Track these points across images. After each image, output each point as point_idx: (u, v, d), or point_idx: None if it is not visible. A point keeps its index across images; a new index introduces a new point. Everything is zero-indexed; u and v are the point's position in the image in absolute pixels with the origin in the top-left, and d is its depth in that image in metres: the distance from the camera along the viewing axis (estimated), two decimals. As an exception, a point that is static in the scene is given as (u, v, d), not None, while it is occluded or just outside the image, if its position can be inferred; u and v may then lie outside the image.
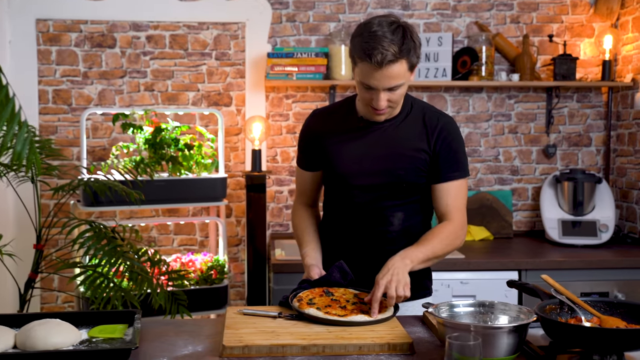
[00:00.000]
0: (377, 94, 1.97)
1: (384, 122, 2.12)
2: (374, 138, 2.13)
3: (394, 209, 2.13)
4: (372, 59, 1.90)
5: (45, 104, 3.74)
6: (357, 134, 2.14)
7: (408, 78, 1.99)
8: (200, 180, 3.31)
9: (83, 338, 1.81)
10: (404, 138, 2.11)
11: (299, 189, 2.34)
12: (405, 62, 1.94)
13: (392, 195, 2.12)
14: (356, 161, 2.13)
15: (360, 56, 1.94)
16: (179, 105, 3.79)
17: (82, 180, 2.71)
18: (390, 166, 2.10)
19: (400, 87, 1.98)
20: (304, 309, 1.88)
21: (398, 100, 2.03)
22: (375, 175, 2.11)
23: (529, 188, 3.96)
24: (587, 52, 3.91)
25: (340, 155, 2.15)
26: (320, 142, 2.19)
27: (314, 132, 2.21)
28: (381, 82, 1.94)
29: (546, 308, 1.71)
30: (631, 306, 1.70)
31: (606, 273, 3.27)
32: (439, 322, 1.63)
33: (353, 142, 2.14)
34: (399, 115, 2.13)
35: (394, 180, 2.10)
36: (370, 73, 1.93)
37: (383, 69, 1.91)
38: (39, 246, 2.78)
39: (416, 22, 3.85)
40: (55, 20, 3.72)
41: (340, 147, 2.15)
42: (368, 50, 1.90)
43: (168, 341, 1.81)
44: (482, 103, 3.91)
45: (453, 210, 2.12)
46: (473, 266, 3.22)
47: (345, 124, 2.17)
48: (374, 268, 2.06)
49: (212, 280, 3.36)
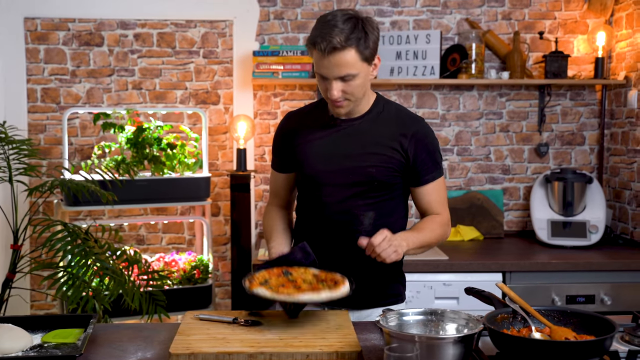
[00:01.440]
0: (330, 83, 1.97)
1: (355, 120, 2.11)
2: (344, 136, 2.11)
3: (364, 208, 2.10)
4: (317, 46, 1.93)
5: (34, 103, 3.75)
6: (328, 132, 2.13)
7: (364, 71, 1.98)
8: (183, 180, 3.30)
9: (35, 343, 1.81)
10: (376, 136, 2.09)
11: (272, 190, 2.32)
12: (354, 52, 1.93)
13: (363, 194, 2.09)
14: (326, 159, 2.11)
15: (309, 44, 1.98)
16: (167, 103, 3.79)
17: (55, 181, 2.71)
18: (361, 164, 2.08)
19: (355, 78, 1.96)
20: (253, 289, 1.84)
21: (355, 93, 2.00)
22: (345, 173, 2.09)
23: (521, 187, 3.90)
24: (581, 49, 3.84)
25: (310, 154, 2.13)
26: (292, 142, 2.17)
27: (287, 132, 2.20)
28: (330, 70, 1.95)
29: (498, 317, 1.68)
30: (584, 316, 1.66)
31: (593, 275, 3.21)
32: (385, 332, 1.60)
33: (323, 141, 2.13)
34: (370, 113, 2.11)
35: (364, 179, 2.07)
36: (320, 61, 1.95)
37: (329, 56, 1.92)
38: (15, 246, 2.79)
39: (405, 19, 3.80)
40: (43, 19, 3.72)
41: (310, 145, 2.14)
42: (315, 38, 1.93)
43: (119, 347, 1.80)
44: (473, 101, 3.86)
45: (437, 205, 2.16)
46: (456, 268, 3.18)
47: (317, 123, 2.16)
48: (345, 268, 2.05)
49: (195, 280, 3.35)
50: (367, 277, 2.14)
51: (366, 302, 2.16)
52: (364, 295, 2.14)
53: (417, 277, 3.17)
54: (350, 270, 2.08)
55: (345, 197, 2.10)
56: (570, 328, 1.64)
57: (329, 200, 2.11)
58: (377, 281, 2.17)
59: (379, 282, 2.18)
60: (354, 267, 2.10)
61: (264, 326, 1.86)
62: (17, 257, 2.79)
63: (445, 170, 3.86)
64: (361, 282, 2.12)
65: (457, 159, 3.87)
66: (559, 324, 1.67)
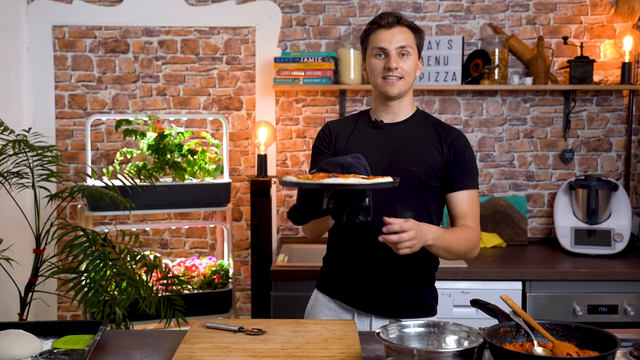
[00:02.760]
0: (389, 56, 2.13)
1: (398, 124, 2.21)
2: (387, 138, 2.20)
3: (404, 208, 2.11)
4: (383, 21, 2.14)
5: (62, 109, 3.83)
6: (371, 135, 2.22)
7: (415, 57, 2.17)
8: (203, 186, 3.34)
9: (45, 349, 1.85)
10: (417, 139, 2.19)
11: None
12: (411, 33, 2.16)
13: (404, 194, 2.11)
14: (370, 158, 2.10)
15: (371, 25, 2.17)
16: (191, 109, 3.83)
17: (75, 187, 2.77)
18: (403, 163, 2.15)
19: (410, 56, 2.14)
20: (282, 178, 1.75)
21: (408, 72, 2.15)
22: (387, 170, 2.10)
23: (545, 194, 3.85)
24: (608, 53, 3.77)
25: (352, 152, 2.15)
26: (335, 144, 2.25)
27: (328, 136, 2.27)
28: (392, 41, 2.13)
29: (501, 331, 1.66)
30: (589, 331, 1.63)
31: (617, 285, 3.15)
32: (385, 344, 1.60)
33: (366, 142, 2.21)
34: (412, 119, 2.23)
35: (406, 178, 2.08)
36: (382, 35, 2.14)
37: (393, 29, 2.13)
38: (38, 251, 2.85)
39: (428, 25, 3.79)
40: (70, 27, 3.80)
41: (354, 146, 2.20)
42: (377, 18, 2.16)
43: (126, 354, 1.83)
44: (496, 107, 3.82)
45: (469, 217, 2.17)
46: (475, 276, 3.15)
47: (360, 127, 2.26)
48: (381, 265, 2.13)
49: (215, 284, 3.38)
50: (396, 283, 2.17)
51: (392, 309, 2.18)
52: (390, 302, 2.17)
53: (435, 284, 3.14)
54: (380, 273, 2.15)
55: (386, 196, 2.08)
56: (574, 343, 1.62)
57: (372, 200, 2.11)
58: (407, 289, 2.19)
59: (409, 290, 2.20)
60: (388, 270, 2.16)
61: (269, 335, 1.88)
62: (39, 261, 2.85)
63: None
64: (389, 288, 2.17)
65: (480, 165, 3.83)
66: (563, 338, 1.65)
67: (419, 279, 2.22)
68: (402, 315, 2.15)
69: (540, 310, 3.12)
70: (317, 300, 2.31)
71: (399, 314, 2.16)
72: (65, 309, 3.88)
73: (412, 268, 2.18)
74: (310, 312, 2.32)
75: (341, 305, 2.24)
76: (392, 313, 2.17)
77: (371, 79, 2.20)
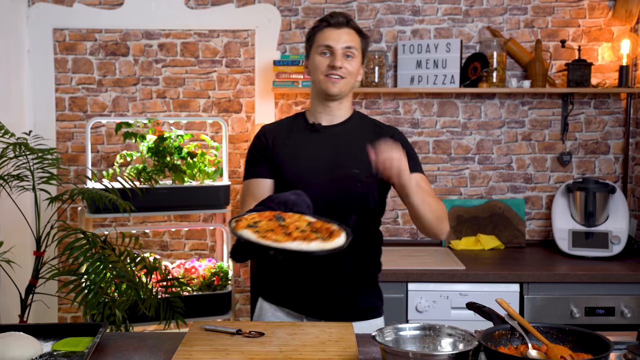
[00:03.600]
0: (335, 55, 2.13)
1: (335, 126, 2.20)
2: (326, 141, 2.18)
3: (348, 211, 2.09)
4: (332, 20, 2.15)
5: (62, 111, 3.85)
6: (310, 137, 2.20)
7: (359, 60, 2.18)
8: (203, 188, 3.36)
9: (45, 351, 1.86)
10: (357, 140, 2.17)
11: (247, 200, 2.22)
12: (358, 37, 2.17)
13: (346, 197, 2.12)
14: (309, 163, 2.15)
15: (320, 23, 2.17)
16: (191, 111, 3.85)
17: (75, 190, 2.79)
18: (344, 167, 2.13)
19: (355, 57, 2.15)
20: (238, 230, 1.73)
21: (352, 72, 2.15)
22: (328, 173, 2.12)
23: (543, 196, 3.87)
24: (606, 56, 3.79)
25: (292, 158, 2.17)
26: (272, 148, 2.21)
27: (266, 140, 2.23)
28: (339, 40, 2.13)
29: (496, 334, 1.68)
30: (583, 334, 1.65)
31: (614, 287, 3.17)
32: (380, 347, 1.61)
33: (305, 145, 2.19)
34: (349, 121, 2.22)
35: (348, 180, 2.09)
36: (330, 34, 2.14)
37: (341, 29, 2.14)
38: (38, 253, 2.88)
39: (427, 28, 3.80)
40: (71, 30, 3.82)
41: (292, 150, 2.19)
42: (329, 16, 2.17)
43: (125, 356, 1.85)
44: (495, 109, 3.84)
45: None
46: (472, 278, 3.17)
47: (298, 130, 2.23)
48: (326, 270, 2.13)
49: (214, 286, 3.40)
50: (343, 287, 2.18)
51: (341, 313, 2.17)
52: (339, 306, 2.18)
53: (433, 286, 3.17)
54: (326, 278, 2.15)
55: (328, 199, 2.09)
56: (568, 346, 1.63)
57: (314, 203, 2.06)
58: (354, 292, 2.20)
59: (356, 293, 2.21)
60: (331, 275, 2.16)
61: (267, 337, 1.89)
62: (39, 263, 2.88)
63: (466, 179, 3.85)
64: (336, 292, 2.18)
65: (479, 168, 3.85)
66: (557, 341, 1.66)
67: (364, 282, 2.23)
68: (350, 318, 2.14)
69: (538, 312, 3.14)
70: (263, 309, 2.28)
71: (347, 317, 2.15)
72: (66, 311, 3.90)
73: (356, 271, 2.19)
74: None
75: (289, 312, 2.22)
76: (341, 317, 2.15)
77: (313, 77, 2.18)
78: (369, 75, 3.66)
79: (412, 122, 3.84)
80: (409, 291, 3.17)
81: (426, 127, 3.85)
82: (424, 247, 3.74)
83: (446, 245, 3.78)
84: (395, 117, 3.83)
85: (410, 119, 3.84)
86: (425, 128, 3.85)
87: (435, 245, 3.78)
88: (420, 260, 3.39)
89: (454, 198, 3.86)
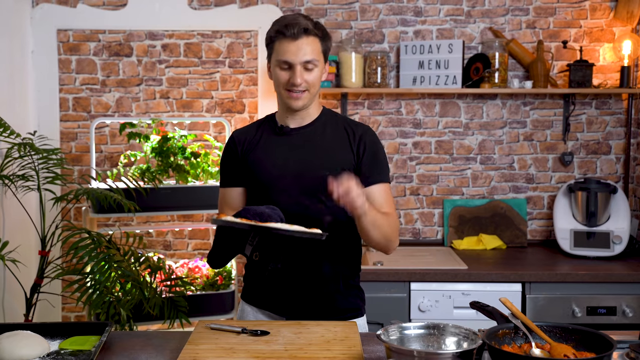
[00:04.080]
0: (294, 70, 2.06)
1: (304, 127, 2.18)
2: (295, 143, 2.17)
3: (320, 213, 2.09)
4: (288, 31, 2.03)
5: (66, 112, 3.87)
6: (279, 141, 2.19)
7: (322, 65, 2.11)
8: (206, 188, 3.37)
9: (52, 350, 1.88)
10: (325, 142, 2.16)
11: (223, 208, 2.28)
12: (318, 41, 2.08)
13: (319, 199, 2.10)
14: (279, 167, 2.15)
15: (275, 34, 2.07)
16: (194, 112, 3.87)
17: (80, 190, 2.81)
18: (313, 169, 2.12)
19: (316, 68, 2.08)
20: (221, 217, 1.85)
21: (314, 84, 2.10)
22: (299, 178, 2.12)
23: (545, 197, 3.88)
24: (607, 57, 3.80)
25: (263, 162, 2.17)
26: (243, 154, 2.21)
27: (237, 146, 2.23)
28: (297, 55, 2.04)
29: (499, 332, 1.69)
30: (586, 333, 1.66)
31: (615, 287, 3.19)
32: (385, 346, 1.63)
33: (275, 149, 2.18)
34: (319, 120, 2.20)
35: (318, 183, 2.06)
36: (287, 47, 2.05)
37: (298, 40, 2.04)
38: (43, 252, 2.89)
39: (429, 28, 3.82)
40: (75, 31, 3.84)
41: (262, 155, 2.18)
42: (283, 27, 2.05)
43: (131, 355, 1.87)
44: (497, 110, 3.85)
45: (386, 206, 2.13)
46: (475, 277, 3.19)
47: (267, 134, 2.22)
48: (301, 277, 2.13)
49: (218, 286, 3.42)
50: (323, 288, 2.18)
51: (322, 314, 2.17)
52: (319, 307, 2.18)
53: (435, 286, 3.19)
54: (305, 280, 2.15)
55: (300, 203, 2.10)
56: (572, 345, 1.65)
57: (285, 206, 2.08)
58: (334, 293, 2.20)
59: (335, 294, 2.20)
60: (310, 276, 2.16)
61: (272, 336, 1.91)
62: (44, 263, 2.89)
63: (468, 179, 3.87)
64: (316, 293, 2.18)
65: (480, 168, 3.87)
66: (561, 340, 1.68)
67: (343, 282, 2.21)
68: (331, 318, 2.14)
69: (540, 311, 3.15)
70: (244, 312, 2.29)
71: (327, 317, 2.15)
72: (70, 310, 3.92)
73: (335, 272, 2.18)
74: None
75: (270, 315, 2.22)
76: (321, 317, 2.14)
77: (275, 87, 2.15)
78: (371, 75, 3.68)
79: (414, 123, 3.86)
80: (412, 291, 3.19)
81: (428, 127, 3.86)
82: (426, 247, 3.76)
83: (448, 245, 3.79)
84: (397, 117, 3.85)
85: (412, 120, 3.86)
86: (427, 128, 3.86)
87: (437, 245, 3.80)
88: (423, 260, 3.41)
89: (456, 198, 3.88)
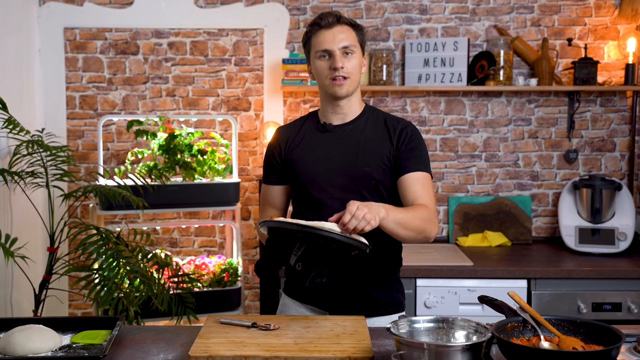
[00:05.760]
0: (334, 56, 2.12)
1: (347, 124, 2.21)
2: (337, 140, 2.20)
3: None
4: (323, 21, 2.13)
5: (73, 109, 3.89)
6: (322, 138, 2.21)
7: (359, 55, 2.16)
8: (213, 185, 3.39)
9: (64, 344, 1.90)
10: (367, 138, 2.18)
11: (267, 204, 2.31)
12: (353, 31, 2.16)
13: (362, 195, 2.13)
14: (323, 163, 2.17)
15: (311, 27, 2.16)
16: (200, 110, 3.89)
17: (89, 187, 2.82)
18: (357, 164, 2.15)
19: (354, 54, 2.14)
20: (274, 218, 1.87)
21: (354, 71, 2.14)
22: (341, 174, 2.14)
23: (550, 194, 3.89)
24: (612, 55, 3.81)
25: (306, 160, 2.20)
26: (287, 152, 2.24)
27: (280, 143, 2.27)
28: (335, 42, 2.11)
29: (508, 326, 1.71)
30: (594, 326, 1.68)
31: (620, 283, 3.20)
32: (395, 339, 1.65)
33: (318, 146, 2.21)
34: (360, 119, 2.22)
35: (361, 178, 2.12)
36: (324, 37, 2.12)
37: (334, 28, 2.12)
38: (52, 249, 2.91)
39: (434, 27, 3.83)
40: (81, 29, 3.86)
41: (306, 152, 2.21)
42: (318, 19, 2.15)
43: (143, 349, 1.88)
44: (501, 107, 3.87)
45: (424, 199, 2.10)
46: (480, 274, 3.20)
47: (310, 131, 2.25)
48: (344, 273, 2.14)
49: (224, 282, 3.44)
50: (364, 284, 2.20)
51: (364, 309, 2.19)
52: (361, 302, 2.20)
53: (441, 282, 3.21)
54: (348, 276, 2.17)
55: (344, 199, 2.08)
56: (580, 338, 1.66)
57: (328, 203, 2.13)
58: (376, 289, 2.22)
59: (377, 290, 2.23)
60: (353, 273, 2.18)
61: (282, 330, 1.93)
62: (53, 259, 2.91)
63: (473, 176, 3.88)
64: (358, 290, 2.20)
65: (485, 165, 3.89)
66: (569, 333, 1.69)
67: (386, 278, 2.24)
68: (374, 314, 2.18)
69: (545, 307, 3.17)
70: (285, 305, 2.32)
71: (370, 313, 2.18)
72: (76, 307, 3.94)
73: (377, 267, 2.21)
74: None
75: (312, 309, 2.25)
76: (364, 312, 2.16)
77: (318, 81, 2.18)
78: (377, 73, 3.69)
79: (419, 120, 3.87)
80: (418, 287, 3.21)
81: (433, 125, 3.88)
82: (432, 243, 3.77)
83: (453, 242, 3.81)
84: (402, 114, 3.86)
85: (417, 117, 3.87)
86: (432, 126, 3.88)
87: (443, 242, 3.82)
88: (429, 256, 3.43)
89: (461, 195, 3.89)
